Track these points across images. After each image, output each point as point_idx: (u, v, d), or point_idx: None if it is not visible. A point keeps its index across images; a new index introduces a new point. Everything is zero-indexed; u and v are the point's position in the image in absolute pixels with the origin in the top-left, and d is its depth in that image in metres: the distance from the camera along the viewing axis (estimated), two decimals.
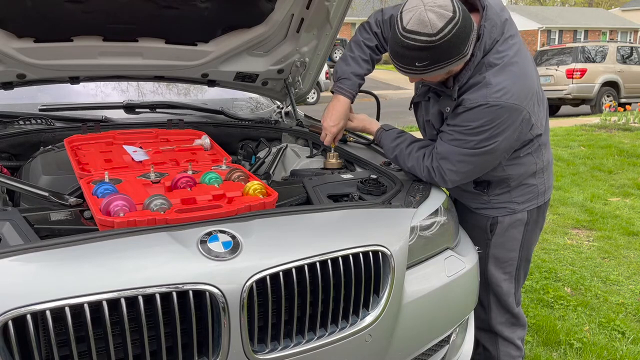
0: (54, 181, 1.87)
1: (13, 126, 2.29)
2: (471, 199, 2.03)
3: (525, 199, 1.95)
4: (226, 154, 2.12)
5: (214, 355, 1.31)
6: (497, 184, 1.93)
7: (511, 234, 1.98)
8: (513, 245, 2.00)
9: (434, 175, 1.86)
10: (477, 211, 2.03)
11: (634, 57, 13.15)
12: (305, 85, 2.78)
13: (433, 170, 1.85)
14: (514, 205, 1.95)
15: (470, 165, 1.79)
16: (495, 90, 1.67)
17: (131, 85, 2.90)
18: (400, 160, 1.97)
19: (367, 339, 1.53)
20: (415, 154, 1.92)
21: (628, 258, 3.78)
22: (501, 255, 2.01)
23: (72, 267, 1.22)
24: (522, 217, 1.97)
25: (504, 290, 2.05)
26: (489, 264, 2.03)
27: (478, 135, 1.71)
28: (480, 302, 2.06)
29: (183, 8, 2.14)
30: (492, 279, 2.04)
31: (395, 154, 1.98)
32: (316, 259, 1.43)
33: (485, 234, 2.01)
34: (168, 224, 1.39)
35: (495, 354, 2.12)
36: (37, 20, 2.00)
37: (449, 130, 1.79)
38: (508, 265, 2.03)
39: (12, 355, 1.13)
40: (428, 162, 1.87)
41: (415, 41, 1.55)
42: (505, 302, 2.06)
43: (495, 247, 2.00)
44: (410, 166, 1.94)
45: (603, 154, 7.04)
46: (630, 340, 2.70)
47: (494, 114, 1.67)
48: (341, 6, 2.33)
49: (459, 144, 1.76)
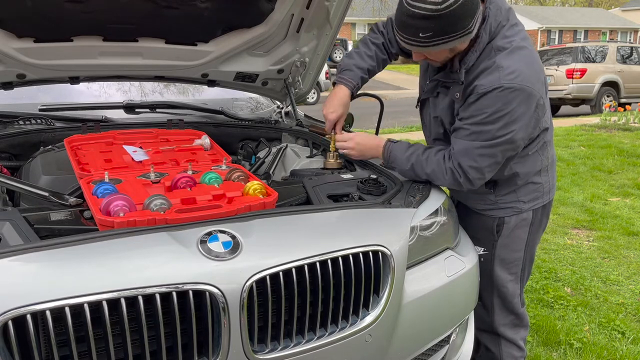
0: (54, 181, 1.87)
1: (13, 126, 2.29)
2: (477, 200, 2.00)
3: (531, 198, 1.94)
4: (226, 154, 2.12)
5: (214, 355, 1.31)
6: (505, 182, 1.91)
7: (517, 234, 1.97)
8: (518, 246, 1.99)
9: (458, 176, 1.78)
10: (484, 212, 2.01)
11: (634, 57, 13.16)
12: (305, 85, 2.78)
13: (457, 170, 1.78)
14: (520, 205, 1.94)
15: (491, 159, 1.73)
16: (508, 73, 1.64)
17: (131, 85, 2.91)
18: (418, 169, 1.86)
19: (367, 339, 1.53)
20: (435, 157, 1.84)
21: (628, 258, 3.78)
22: (507, 255, 2.00)
23: (72, 267, 1.22)
24: (528, 216, 1.96)
25: (509, 292, 2.03)
26: (494, 265, 2.01)
27: (495, 124, 1.66)
28: (482, 304, 2.05)
29: (183, 8, 2.14)
30: (498, 280, 2.02)
31: (412, 163, 1.87)
32: (316, 259, 1.43)
33: (492, 235, 1.99)
34: (168, 224, 1.39)
35: (498, 354, 2.11)
36: (37, 20, 2.00)
37: (464, 125, 1.74)
38: (514, 265, 2.02)
39: (12, 355, 1.13)
40: (450, 163, 1.79)
41: (420, 9, 1.53)
42: (510, 304, 2.05)
43: (501, 247, 1.99)
44: (430, 172, 1.84)
45: (603, 154, 7.05)
46: (630, 340, 2.70)
47: (509, 97, 1.63)
48: (341, 6, 2.33)
49: (477, 137, 1.71)
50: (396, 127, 10.18)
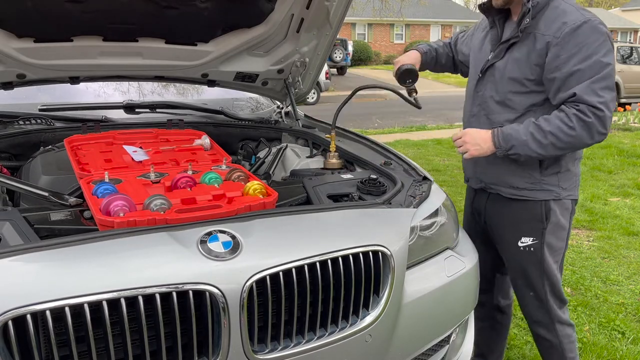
0: (54, 181, 1.87)
1: (13, 126, 2.29)
2: (521, 177, 1.92)
3: (568, 186, 1.93)
4: (226, 154, 2.12)
5: (214, 355, 1.31)
6: (551, 163, 1.89)
7: (561, 222, 1.96)
8: (563, 235, 1.98)
9: (587, 117, 1.71)
10: (526, 196, 1.93)
11: (634, 57, 13.16)
12: (305, 85, 2.78)
13: (584, 113, 1.71)
14: (559, 190, 1.91)
15: (610, 92, 1.73)
16: (587, 13, 1.74)
17: (130, 85, 2.91)
18: (538, 134, 1.76)
19: (367, 339, 1.53)
20: (552, 115, 1.77)
21: (628, 258, 3.78)
22: (555, 243, 1.98)
23: (72, 267, 1.22)
24: (568, 206, 1.96)
25: (558, 279, 2.03)
26: (545, 254, 1.97)
27: (599, 53, 1.70)
28: (536, 296, 2.02)
29: (183, 8, 2.14)
30: (549, 268, 1.99)
31: (530, 131, 1.78)
32: (316, 259, 1.43)
33: (540, 222, 1.94)
34: (168, 224, 1.39)
35: (557, 341, 2.07)
36: (37, 20, 2.00)
37: (571, 69, 1.72)
38: (558, 254, 2.01)
39: (12, 355, 1.13)
40: (572, 110, 1.73)
41: None
42: (558, 291, 2.04)
43: (550, 234, 1.96)
44: (553, 129, 1.74)
45: (603, 154, 7.05)
46: (630, 340, 2.70)
47: (598, 28, 1.71)
48: (341, 6, 2.33)
49: (590, 72, 1.71)
50: (396, 127, 10.18)
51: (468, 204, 2.22)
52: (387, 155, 2.26)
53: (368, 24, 30.67)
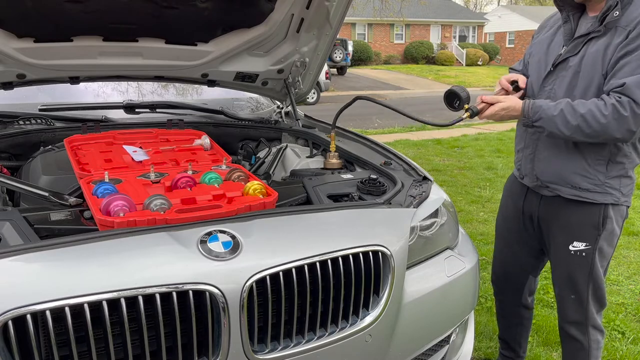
0: (54, 181, 1.87)
1: (13, 126, 2.29)
2: (584, 177, 1.88)
3: (626, 192, 1.90)
4: (226, 154, 2.12)
5: (214, 355, 1.31)
6: (616, 165, 1.85)
7: (615, 229, 1.93)
8: (614, 241, 1.96)
9: (624, 110, 1.66)
10: (587, 198, 1.89)
11: None
12: (305, 85, 2.78)
13: (625, 105, 1.66)
14: (619, 195, 1.88)
15: None
16: None
17: (129, 85, 2.91)
18: (569, 112, 1.74)
19: (367, 339, 1.53)
20: (589, 100, 1.74)
21: (628, 258, 3.78)
22: (606, 249, 1.96)
23: (72, 267, 1.22)
24: (623, 212, 1.93)
25: (602, 283, 2.00)
26: (595, 259, 1.95)
27: None
28: (579, 298, 2.00)
29: (183, 8, 2.14)
30: (597, 273, 1.97)
31: (561, 108, 1.75)
32: (316, 259, 1.43)
33: (596, 229, 1.91)
34: (168, 224, 1.39)
35: (586, 343, 2.06)
36: (37, 20, 2.00)
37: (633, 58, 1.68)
38: (606, 259, 1.99)
39: (12, 355, 1.13)
40: (612, 100, 1.68)
41: None
42: (601, 295, 2.01)
43: (603, 240, 1.93)
44: (585, 111, 1.71)
45: None
46: (630, 340, 2.70)
47: None
48: (341, 6, 2.33)
49: None
50: (396, 127, 10.18)
51: (512, 203, 2.14)
52: (387, 155, 2.27)
53: (368, 24, 30.68)
